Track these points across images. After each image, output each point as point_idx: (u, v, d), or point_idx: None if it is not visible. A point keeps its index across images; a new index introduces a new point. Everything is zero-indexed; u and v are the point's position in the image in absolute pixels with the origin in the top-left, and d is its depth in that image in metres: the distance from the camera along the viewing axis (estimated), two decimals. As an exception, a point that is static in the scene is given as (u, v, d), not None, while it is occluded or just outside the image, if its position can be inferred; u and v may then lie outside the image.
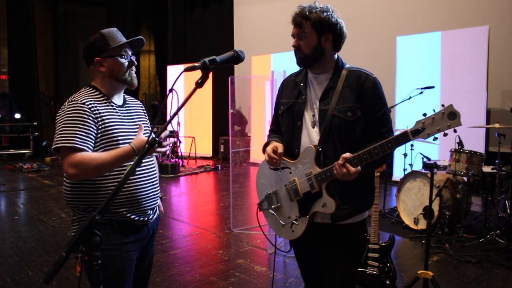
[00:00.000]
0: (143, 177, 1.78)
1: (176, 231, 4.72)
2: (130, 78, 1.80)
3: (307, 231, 1.78)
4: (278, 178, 1.86)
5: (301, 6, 1.74)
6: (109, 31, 1.78)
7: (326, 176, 1.67)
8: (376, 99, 1.74)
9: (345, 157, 1.61)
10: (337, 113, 1.71)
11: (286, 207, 1.84)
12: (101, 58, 1.74)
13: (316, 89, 1.80)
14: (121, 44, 1.75)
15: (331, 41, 1.74)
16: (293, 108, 1.83)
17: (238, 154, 8.89)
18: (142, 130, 1.71)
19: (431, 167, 2.88)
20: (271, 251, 3.97)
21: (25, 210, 5.71)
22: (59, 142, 1.61)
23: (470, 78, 6.17)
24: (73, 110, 1.65)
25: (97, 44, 1.75)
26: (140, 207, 1.76)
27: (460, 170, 4.24)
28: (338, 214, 1.72)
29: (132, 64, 1.81)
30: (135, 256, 1.79)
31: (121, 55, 1.76)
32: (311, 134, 1.78)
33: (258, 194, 2.00)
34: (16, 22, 11.26)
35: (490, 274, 3.43)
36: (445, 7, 7.05)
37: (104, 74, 1.76)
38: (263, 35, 9.88)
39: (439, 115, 1.50)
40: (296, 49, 1.77)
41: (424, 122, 1.52)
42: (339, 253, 1.78)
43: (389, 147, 1.57)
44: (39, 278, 3.37)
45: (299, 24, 1.73)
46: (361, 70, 1.78)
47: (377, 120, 1.74)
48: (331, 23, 1.71)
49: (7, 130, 10.99)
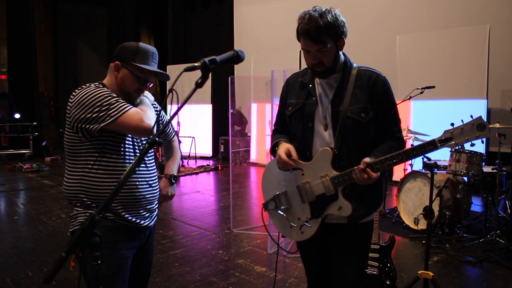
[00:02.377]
0: (141, 177, 1.78)
1: (176, 231, 4.72)
2: (134, 96, 1.81)
3: (318, 232, 1.76)
4: (288, 178, 1.83)
5: (311, 17, 1.63)
6: (146, 49, 1.78)
7: (344, 179, 1.65)
8: (387, 99, 1.73)
9: (367, 162, 1.59)
10: (351, 114, 1.69)
11: (296, 208, 1.82)
12: (121, 64, 1.76)
13: (326, 90, 1.77)
14: (142, 68, 1.75)
15: (344, 44, 1.72)
16: (303, 110, 1.79)
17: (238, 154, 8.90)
18: None
19: (431, 167, 2.87)
20: (271, 251, 3.96)
21: (24, 210, 5.70)
22: (118, 111, 1.64)
23: (470, 78, 6.17)
24: (96, 89, 1.68)
25: (127, 51, 1.76)
26: (137, 207, 1.76)
27: (460, 170, 4.23)
28: (355, 215, 1.71)
29: (143, 88, 1.81)
30: (130, 255, 1.78)
31: (139, 76, 1.76)
32: (323, 136, 1.75)
33: (264, 194, 1.97)
34: (16, 22, 11.25)
35: (491, 274, 3.43)
36: (445, 7, 7.06)
37: (116, 79, 1.78)
38: (263, 35, 9.87)
39: (468, 126, 1.50)
40: (317, 64, 1.69)
41: (453, 132, 1.52)
42: (351, 253, 1.77)
43: (414, 154, 1.57)
44: (39, 278, 3.37)
45: (318, 40, 1.63)
46: (370, 69, 1.76)
47: (388, 120, 1.74)
48: (342, 27, 1.67)
49: (7, 130, 10.99)
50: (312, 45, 1.66)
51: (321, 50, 1.66)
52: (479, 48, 6.07)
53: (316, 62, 1.69)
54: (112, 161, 1.72)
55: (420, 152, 1.57)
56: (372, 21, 7.95)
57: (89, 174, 1.70)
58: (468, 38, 6.23)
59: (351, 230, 1.76)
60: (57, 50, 14.07)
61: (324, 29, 1.62)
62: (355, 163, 1.63)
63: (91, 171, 1.70)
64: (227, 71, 8.63)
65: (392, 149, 1.69)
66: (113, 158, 1.72)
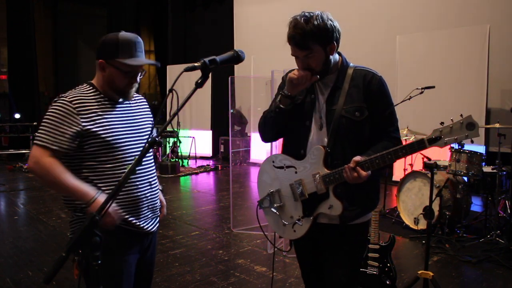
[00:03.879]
0: (140, 177, 1.75)
1: (176, 231, 4.72)
2: (126, 91, 1.73)
3: (310, 231, 1.76)
4: (282, 176, 1.84)
5: (296, 23, 1.62)
6: (127, 40, 1.65)
7: (334, 178, 1.65)
8: (383, 98, 1.73)
9: (356, 161, 1.59)
10: (345, 113, 1.69)
11: (289, 207, 1.82)
12: (105, 62, 1.67)
13: (322, 89, 1.77)
14: (128, 64, 1.65)
15: (335, 48, 1.71)
16: (301, 107, 1.79)
17: (238, 154, 8.90)
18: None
19: (431, 167, 2.88)
20: (271, 251, 3.96)
21: (24, 210, 5.71)
22: (36, 139, 1.62)
23: (470, 78, 6.17)
24: (56, 108, 1.62)
25: (109, 47, 1.65)
26: (139, 208, 1.73)
27: (460, 170, 4.23)
28: (347, 215, 1.71)
29: (133, 82, 1.72)
30: (133, 260, 1.76)
31: (126, 71, 1.67)
32: (318, 135, 1.75)
33: (259, 192, 1.97)
34: (16, 22, 11.26)
35: (490, 274, 3.42)
36: (445, 7, 7.06)
37: (103, 77, 1.70)
38: (263, 35, 9.87)
39: (457, 124, 1.49)
40: (306, 69, 1.68)
41: (442, 131, 1.51)
42: (342, 253, 1.77)
43: (403, 153, 1.57)
44: (39, 278, 3.37)
45: (303, 46, 1.63)
46: (366, 69, 1.76)
47: (385, 119, 1.73)
48: (331, 32, 1.65)
49: (7, 130, 10.99)
50: (298, 51, 1.66)
51: (308, 56, 1.65)
52: (479, 48, 6.07)
53: (304, 68, 1.69)
54: (107, 167, 1.67)
55: (409, 151, 1.56)
56: (372, 21, 7.95)
57: (85, 180, 1.65)
58: (468, 38, 6.23)
59: (343, 231, 1.75)
60: (57, 50, 14.08)
61: (310, 35, 1.60)
62: (349, 162, 1.62)
63: (87, 178, 1.66)
64: (227, 71, 8.63)
65: (386, 148, 1.69)
66: (108, 164, 1.67)
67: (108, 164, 1.67)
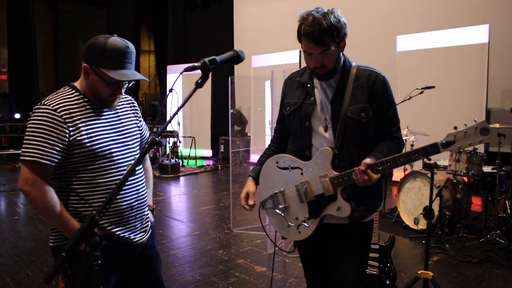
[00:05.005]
0: (128, 184, 1.65)
1: (176, 231, 4.72)
2: (108, 101, 1.62)
3: (316, 232, 1.76)
4: (287, 178, 1.82)
5: (315, 19, 1.58)
6: (116, 48, 1.52)
7: (343, 180, 1.64)
8: (387, 99, 1.72)
9: (367, 163, 1.58)
10: (351, 114, 1.68)
11: (294, 208, 1.81)
12: (89, 67, 1.55)
13: (326, 90, 1.75)
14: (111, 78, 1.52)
15: (345, 46, 1.70)
16: (300, 109, 1.78)
17: (238, 154, 8.90)
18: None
19: (431, 167, 2.87)
20: (271, 251, 3.96)
21: (25, 210, 5.70)
22: (22, 154, 1.48)
23: (470, 78, 6.17)
24: (40, 118, 1.49)
25: (94, 53, 1.53)
26: (125, 219, 1.64)
27: (460, 170, 4.23)
28: (355, 216, 1.70)
29: (117, 93, 1.60)
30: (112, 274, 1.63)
31: (110, 83, 1.54)
32: (323, 137, 1.74)
33: (261, 193, 1.95)
34: (16, 22, 11.26)
35: (490, 274, 3.42)
36: (445, 6, 7.06)
37: (86, 82, 1.59)
38: (263, 35, 9.88)
39: (471, 129, 1.48)
40: (320, 67, 1.66)
41: (456, 135, 1.50)
42: (350, 252, 1.76)
43: (416, 157, 1.56)
44: (39, 278, 3.37)
45: (322, 42, 1.59)
46: (370, 68, 1.74)
47: (388, 120, 1.73)
48: (344, 29, 1.64)
49: (7, 130, 10.99)
50: (315, 48, 1.62)
51: (324, 53, 1.62)
52: (479, 48, 6.07)
53: (318, 65, 1.66)
54: (92, 177, 1.58)
55: (422, 155, 1.55)
56: (372, 21, 7.95)
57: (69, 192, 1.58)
58: (468, 38, 6.22)
59: (351, 231, 1.75)
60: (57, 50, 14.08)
61: (328, 31, 1.58)
62: (356, 163, 1.62)
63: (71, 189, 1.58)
64: (227, 71, 8.63)
65: (390, 149, 1.68)
66: (93, 173, 1.58)
67: (94, 173, 1.58)
